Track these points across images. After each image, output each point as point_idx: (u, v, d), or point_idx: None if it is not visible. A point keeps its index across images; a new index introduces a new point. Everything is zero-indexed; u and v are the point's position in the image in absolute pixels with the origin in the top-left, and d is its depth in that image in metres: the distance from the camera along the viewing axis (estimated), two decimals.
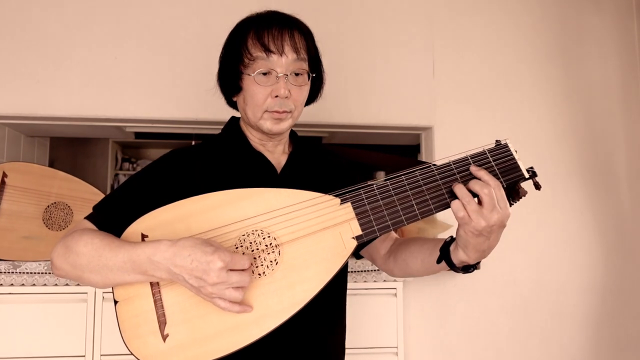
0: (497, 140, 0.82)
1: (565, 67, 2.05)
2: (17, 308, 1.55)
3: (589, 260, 1.99)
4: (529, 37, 2.04)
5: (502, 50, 2.01)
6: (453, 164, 0.81)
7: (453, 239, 0.86)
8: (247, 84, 0.93)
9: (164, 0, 1.85)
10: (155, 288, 0.80)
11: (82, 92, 1.79)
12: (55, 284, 1.57)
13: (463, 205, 0.76)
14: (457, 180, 0.79)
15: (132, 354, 0.79)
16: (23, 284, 1.56)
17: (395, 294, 1.71)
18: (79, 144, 3.88)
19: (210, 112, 1.83)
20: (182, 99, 1.83)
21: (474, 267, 0.86)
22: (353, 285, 1.68)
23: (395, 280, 1.71)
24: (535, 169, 0.83)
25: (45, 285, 1.57)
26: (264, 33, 0.91)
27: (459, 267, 0.85)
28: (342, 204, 0.81)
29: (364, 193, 0.81)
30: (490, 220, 0.75)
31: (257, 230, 0.81)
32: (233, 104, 1.03)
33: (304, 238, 0.80)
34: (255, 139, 1.00)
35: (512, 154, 0.80)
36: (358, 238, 0.80)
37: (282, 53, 0.91)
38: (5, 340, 1.53)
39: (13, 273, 1.57)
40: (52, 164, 2.52)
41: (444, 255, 0.86)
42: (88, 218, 0.89)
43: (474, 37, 2.00)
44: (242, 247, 0.80)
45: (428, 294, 1.89)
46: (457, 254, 0.83)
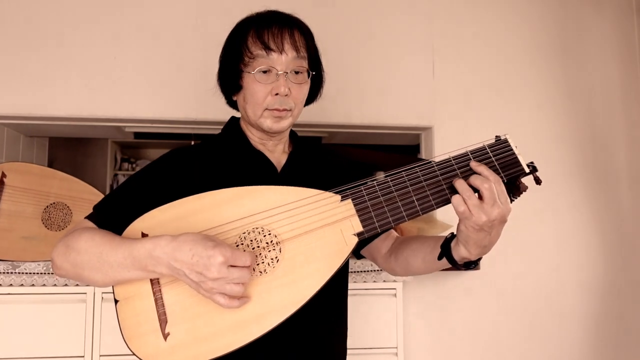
0: (497, 136, 0.82)
1: (565, 67, 2.05)
2: (16, 308, 1.54)
3: (589, 260, 1.99)
4: (529, 37, 2.04)
5: (502, 51, 2.02)
6: (453, 160, 0.81)
7: (454, 236, 0.86)
8: (247, 82, 0.93)
9: (164, 1, 1.86)
10: (156, 287, 0.80)
11: (81, 92, 1.79)
12: (55, 284, 1.57)
13: (464, 200, 0.76)
14: (457, 176, 0.79)
15: (132, 353, 0.78)
16: (22, 285, 1.56)
17: (395, 294, 1.70)
18: (78, 144, 3.88)
19: (210, 112, 1.83)
20: (181, 99, 1.83)
21: (475, 263, 0.86)
22: (353, 286, 1.67)
23: (395, 281, 1.70)
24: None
25: (45, 286, 1.57)
26: (264, 31, 0.92)
27: (460, 263, 0.85)
28: (342, 201, 0.81)
29: (365, 190, 0.81)
30: (491, 215, 0.75)
31: (257, 228, 0.81)
32: (233, 104, 1.03)
33: (305, 235, 0.80)
34: (256, 138, 1.00)
35: (512, 149, 0.80)
36: (359, 234, 0.80)
37: (282, 51, 0.91)
38: (5, 341, 1.53)
39: (12, 273, 1.56)
40: (51, 164, 2.52)
41: (445, 252, 0.86)
42: (88, 217, 0.89)
43: (474, 37, 2.00)
44: (242, 244, 0.80)
45: (428, 294, 1.89)
46: (458, 250, 0.83)
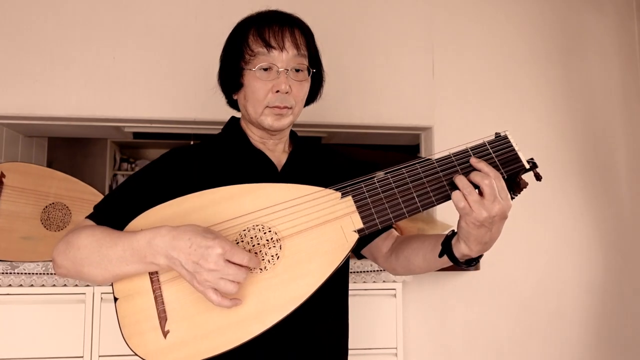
0: (496, 133, 0.82)
1: (565, 67, 2.05)
2: (15, 309, 1.54)
3: (589, 261, 1.99)
4: (529, 37, 2.04)
5: (501, 50, 2.02)
6: (453, 156, 0.81)
7: (454, 233, 0.85)
8: (248, 80, 0.94)
9: (163, 1, 1.86)
10: (156, 284, 0.80)
11: (80, 92, 1.78)
12: (54, 285, 1.57)
13: (464, 196, 0.76)
14: (457, 172, 0.79)
15: (132, 351, 0.78)
16: (21, 285, 1.56)
17: (395, 295, 1.70)
18: (77, 144, 3.88)
19: (209, 112, 1.83)
20: (180, 99, 1.83)
21: (476, 260, 0.85)
22: (352, 286, 1.66)
23: (395, 281, 1.70)
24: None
25: (44, 286, 1.56)
26: (265, 29, 0.92)
27: (462, 260, 0.85)
28: (342, 198, 0.81)
29: (365, 186, 0.81)
30: (492, 211, 0.75)
31: (257, 225, 0.81)
32: (233, 104, 1.04)
33: (305, 232, 0.80)
34: (256, 137, 1.00)
35: (512, 145, 0.80)
36: (360, 231, 0.80)
37: (282, 48, 0.91)
38: (4, 341, 1.52)
39: (11, 274, 1.56)
40: (50, 164, 2.51)
41: (446, 249, 0.86)
42: (89, 217, 0.89)
43: (474, 37, 2.01)
44: (242, 242, 0.80)
45: (427, 295, 1.88)
46: (459, 247, 0.83)
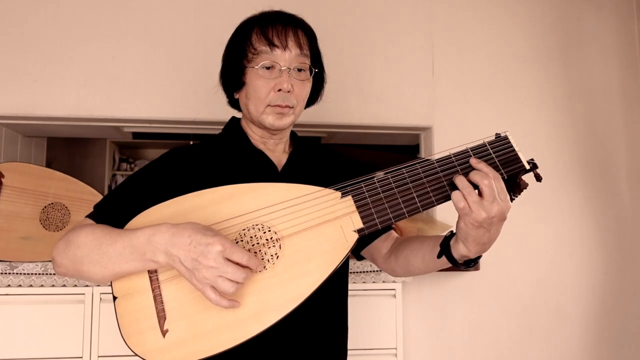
0: (497, 133, 0.82)
1: (566, 67, 2.05)
2: (14, 309, 1.54)
3: (589, 261, 1.99)
4: (529, 36, 2.04)
5: (501, 50, 2.02)
6: (453, 157, 0.81)
7: (453, 234, 0.85)
8: (250, 78, 0.94)
9: (162, 1, 1.86)
10: (155, 283, 0.79)
11: (79, 92, 1.78)
12: (53, 285, 1.56)
13: (464, 196, 0.76)
14: (457, 172, 0.79)
15: (131, 350, 0.78)
16: (20, 285, 1.55)
17: (395, 295, 1.70)
18: (77, 144, 3.88)
19: (208, 112, 1.83)
20: (180, 99, 1.83)
21: (475, 261, 0.85)
22: (352, 286, 1.67)
23: (395, 281, 1.70)
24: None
25: (43, 287, 1.56)
26: (269, 28, 0.93)
27: (460, 261, 0.85)
28: (342, 197, 0.81)
29: (365, 186, 0.81)
30: (491, 212, 0.75)
31: (257, 225, 0.81)
32: (234, 103, 1.03)
33: (305, 232, 0.79)
34: (257, 137, 1.00)
35: (512, 146, 0.80)
36: (359, 231, 0.79)
37: (285, 47, 0.92)
38: (3, 342, 1.52)
39: (10, 274, 1.55)
40: (49, 164, 2.51)
41: (445, 250, 0.86)
42: (89, 216, 0.89)
43: (474, 37, 2.01)
44: (242, 241, 0.80)
45: (427, 295, 1.88)
46: (457, 248, 0.83)
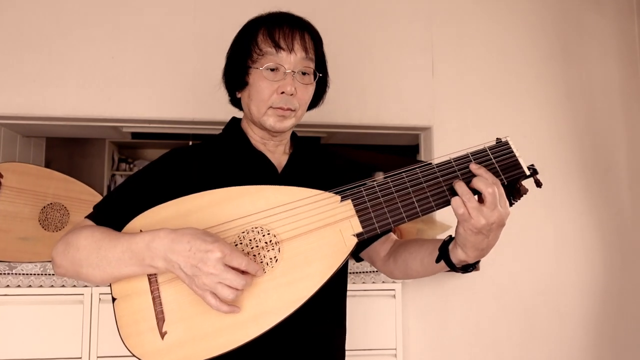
0: (497, 138, 0.82)
1: (566, 67, 2.05)
2: (13, 309, 1.54)
3: (589, 261, 1.99)
4: (529, 36, 2.04)
5: (501, 50, 2.01)
6: (454, 161, 0.80)
7: (452, 238, 0.85)
8: (253, 79, 0.93)
9: (161, 1, 1.85)
10: (154, 285, 0.79)
11: (78, 92, 1.78)
12: (52, 285, 1.56)
13: (463, 202, 0.76)
14: (457, 177, 0.79)
15: (129, 352, 0.78)
16: (19, 286, 1.55)
17: (394, 295, 1.70)
18: (76, 144, 3.87)
19: (208, 112, 1.82)
20: (179, 99, 1.83)
21: (473, 266, 0.85)
22: (352, 287, 1.67)
23: (394, 282, 1.70)
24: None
25: (41, 287, 1.56)
26: (275, 30, 0.92)
27: (458, 266, 0.85)
28: (342, 201, 0.81)
29: (365, 190, 0.81)
30: (490, 219, 0.75)
31: (257, 228, 0.80)
32: (236, 102, 1.03)
33: (304, 235, 0.79)
34: (257, 138, 1.00)
35: (512, 152, 0.80)
36: (359, 235, 0.79)
37: (291, 50, 0.91)
38: (2, 342, 1.52)
39: (9, 274, 1.55)
40: (48, 165, 2.51)
41: (443, 254, 0.86)
42: (89, 217, 0.89)
43: (474, 37, 2.00)
44: (241, 244, 0.80)
45: (427, 296, 1.88)
46: (456, 253, 0.83)
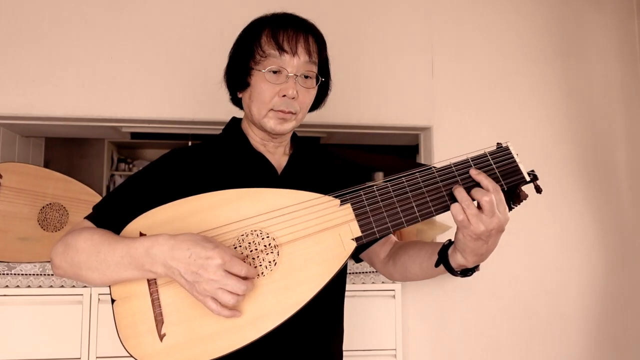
0: (498, 143, 0.82)
1: (566, 67, 2.04)
2: (12, 310, 1.53)
3: (589, 262, 1.99)
4: (529, 36, 2.03)
5: (501, 50, 2.01)
6: (454, 166, 0.80)
7: (451, 243, 0.85)
8: (255, 80, 0.93)
9: (161, 1, 1.85)
10: (153, 287, 0.79)
11: (77, 92, 1.77)
12: (51, 286, 1.56)
13: (463, 209, 0.76)
14: (457, 183, 0.79)
15: (128, 353, 0.78)
16: (18, 286, 1.55)
17: (394, 296, 1.70)
18: (75, 145, 3.87)
19: (207, 112, 1.82)
20: (178, 99, 1.82)
21: (472, 270, 0.85)
22: (351, 287, 1.67)
23: (394, 282, 1.70)
24: (535, 171, 0.83)
25: (41, 287, 1.56)
26: (280, 32, 0.92)
27: (457, 270, 0.85)
28: (341, 205, 0.81)
29: (364, 194, 0.81)
30: (490, 225, 0.75)
31: (256, 231, 0.80)
32: (237, 102, 1.03)
33: (303, 239, 0.79)
34: (257, 139, 1.00)
35: (513, 157, 0.80)
36: (357, 239, 0.79)
37: (294, 53, 0.91)
38: (1, 342, 1.52)
39: (8, 274, 1.55)
40: (47, 165, 2.51)
41: (442, 259, 0.86)
42: (88, 218, 0.89)
43: (474, 37, 2.00)
44: (240, 247, 0.80)
45: (427, 296, 1.88)
46: (455, 258, 0.83)
